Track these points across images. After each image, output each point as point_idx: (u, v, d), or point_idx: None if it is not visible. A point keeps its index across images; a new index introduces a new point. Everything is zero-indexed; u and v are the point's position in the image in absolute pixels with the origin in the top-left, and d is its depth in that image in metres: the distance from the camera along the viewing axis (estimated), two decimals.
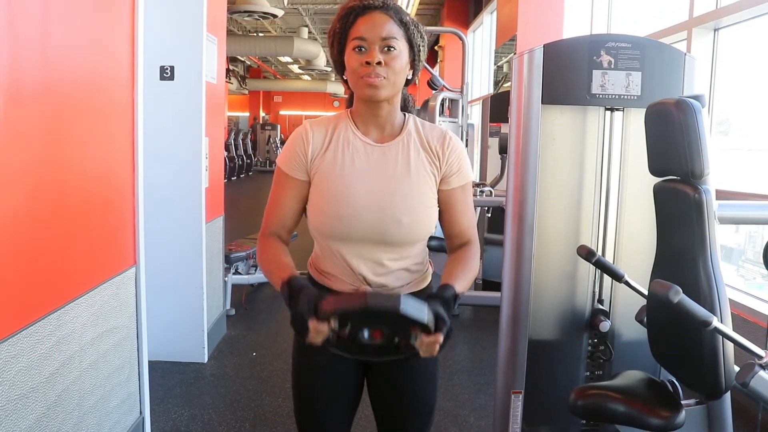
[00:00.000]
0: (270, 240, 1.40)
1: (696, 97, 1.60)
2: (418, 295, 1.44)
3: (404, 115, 1.43)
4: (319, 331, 1.12)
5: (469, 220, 1.43)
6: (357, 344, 1.17)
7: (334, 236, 1.36)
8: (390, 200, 1.33)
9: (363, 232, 1.33)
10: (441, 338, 1.13)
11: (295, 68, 21.78)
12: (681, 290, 1.38)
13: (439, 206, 1.40)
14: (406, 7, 9.76)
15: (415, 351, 1.17)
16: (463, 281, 1.33)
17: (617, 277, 1.91)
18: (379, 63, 1.28)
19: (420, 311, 1.11)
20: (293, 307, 1.18)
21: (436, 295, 1.23)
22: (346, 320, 1.14)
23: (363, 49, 1.29)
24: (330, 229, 1.35)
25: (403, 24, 1.32)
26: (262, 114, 24.77)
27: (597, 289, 2.23)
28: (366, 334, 1.16)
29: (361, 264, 1.37)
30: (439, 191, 1.40)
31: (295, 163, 1.38)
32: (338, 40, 1.35)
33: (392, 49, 1.29)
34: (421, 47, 1.37)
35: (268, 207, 1.42)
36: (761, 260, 1.74)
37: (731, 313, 1.58)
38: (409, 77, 1.37)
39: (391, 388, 1.48)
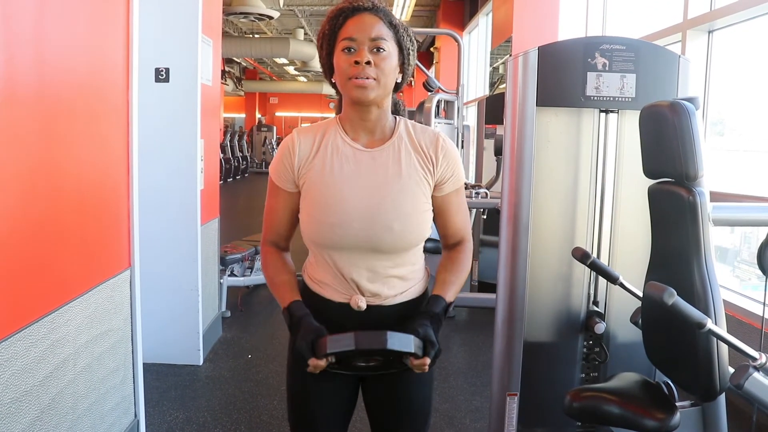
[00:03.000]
0: (270, 250, 1.46)
1: (690, 99, 1.61)
2: (415, 304, 1.42)
3: (395, 118, 1.40)
4: (317, 366, 1.25)
5: (462, 219, 1.44)
6: (355, 367, 1.30)
7: (326, 244, 1.35)
8: (380, 207, 1.31)
9: (354, 240, 1.32)
10: (428, 361, 1.25)
11: (291, 70, 21.78)
12: (675, 292, 1.38)
13: (433, 210, 1.40)
14: (402, 8, 9.77)
15: (407, 367, 1.28)
16: (455, 286, 1.40)
17: (612, 279, 1.91)
18: (368, 63, 1.26)
19: (406, 344, 1.22)
20: (294, 339, 1.31)
21: (427, 312, 1.31)
22: (341, 357, 1.25)
23: (352, 50, 1.28)
24: (321, 237, 1.34)
25: (393, 26, 1.32)
26: (258, 116, 24.75)
27: (592, 291, 2.23)
28: (361, 362, 1.29)
29: (353, 272, 1.35)
30: (433, 197, 1.39)
31: (283, 175, 1.39)
32: (327, 42, 1.33)
33: (382, 50, 1.28)
34: (410, 51, 1.35)
35: (265, 216, 1.45)
36: (756, 261, 1.75)
37: (726, 314, 1.59)
38: (399, 81, 1.36)
39: (387, 393, 1.46)
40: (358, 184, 1.33)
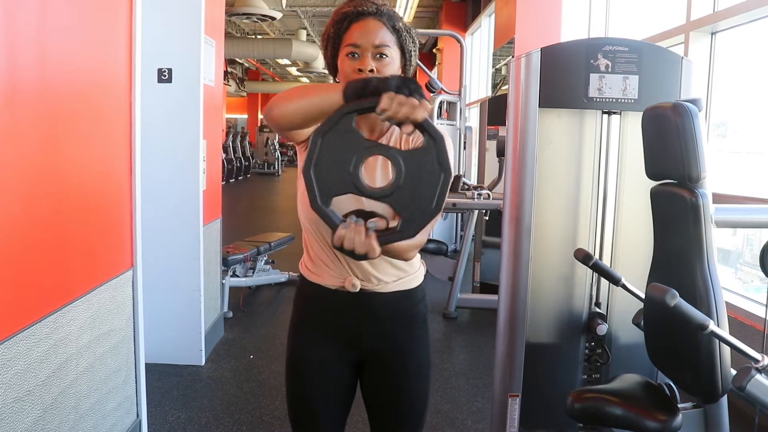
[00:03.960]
0: None
1: (693, 101, 1.60)
2: (409, 295, 1.46)
3: None
4: (419, 107, 1.06)
5: None
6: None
7: (317, 218, 1.35)
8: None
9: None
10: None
11: (293, 70, 21.81)
12: (678, 294, 1.38)
13: None
14: (405, 10, 9.77)
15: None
16: None
17: (614, 280, 1.91)
18: (371, 71, 1.30)
19: None
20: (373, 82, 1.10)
21: None
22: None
23: (356, 56, 1.32)
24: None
25: (396, 30, 1.35)
26: (260, 117, 24.77)
27: (594, 293, 2.23)
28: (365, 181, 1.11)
29: None
30: None
31: None
32: (332, 44, 1.37)
33: (384, 56, 1.32)
34: (412, 52, 1.39)
35: None
36: (758, 263, 1.75)
37: (728, 316, 1.59)
38: None
39: (384, 387, 1.49)
40: None
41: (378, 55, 1.31)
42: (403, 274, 1.44)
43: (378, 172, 1.36)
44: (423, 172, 1.09)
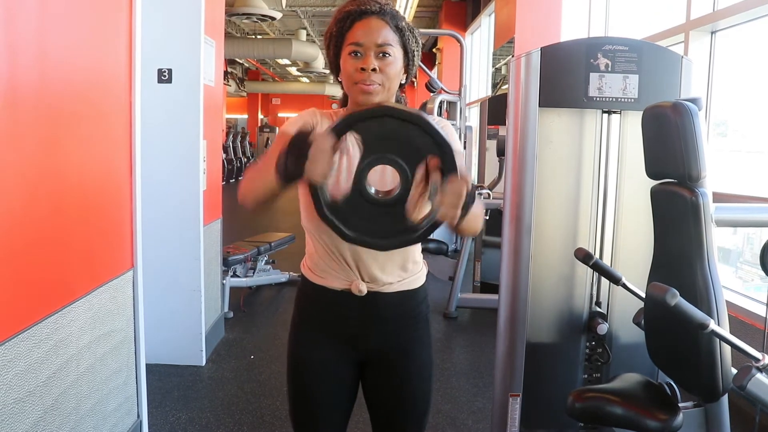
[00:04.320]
0: None
1: (693, 100, 1.61)
2: (412, 295, 1.45)
3: None
4: (322, 150, 1.06)
5: None
6: (362, 205, 1.13)
7: (326, 229, 1.35)
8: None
9: None
10: (467, 184, 1.07)
11: (293, 70, 21.79)
12: (678, 293, 1.38)
13: None
14: (404, 9, 9.76)
15: (423, 227, 1.12)
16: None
17: (615, 279, 1.91)
18: (374, 69, 1.30)
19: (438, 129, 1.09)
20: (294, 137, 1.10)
21: None
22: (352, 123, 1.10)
23: (359, 54, 1.31)
24: (320, 223, 1.30)
25: (399, 30, 1.34)
26: (260, 117, 24.79)
27: (594, 292, 2.23)
28: (373, 189, 1.14)
29: (353, 255, 1.37)
30: None
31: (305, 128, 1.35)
32: (334, 43, 1.36)
33: (387, 55, 1.31)
34: (415, 52, 1.38)
35: (259, 160, 1.36)
36: (759, 262, 1.75)
37: (728, 315, 1.59)
38: (403, 81, 1.39)
39: (387, 388, 1.48)
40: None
41: (381, 54, 1.31)
42: (407, 274, 1.44)
43: (388, 176, 1.35)
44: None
